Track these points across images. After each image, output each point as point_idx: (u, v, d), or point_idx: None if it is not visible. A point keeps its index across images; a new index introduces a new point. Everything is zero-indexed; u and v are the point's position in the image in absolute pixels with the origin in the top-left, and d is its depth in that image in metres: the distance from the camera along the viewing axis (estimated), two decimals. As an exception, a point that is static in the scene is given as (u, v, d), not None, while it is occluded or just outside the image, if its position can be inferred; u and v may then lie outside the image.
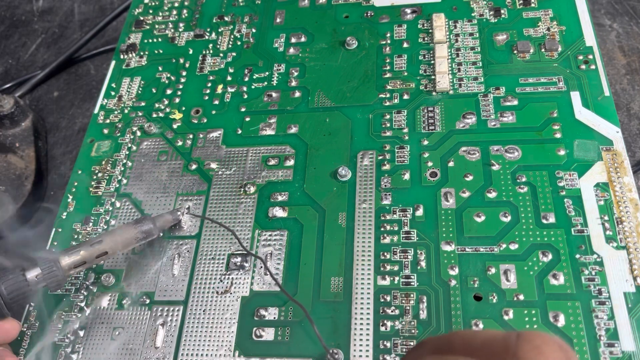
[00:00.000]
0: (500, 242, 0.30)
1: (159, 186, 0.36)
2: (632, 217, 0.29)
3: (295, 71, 0.39)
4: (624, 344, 0.26)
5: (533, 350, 0.14)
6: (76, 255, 0.28)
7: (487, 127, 0.34)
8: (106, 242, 0.29)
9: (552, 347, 0.14)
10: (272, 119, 0.37)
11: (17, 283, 0.26)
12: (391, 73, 0.37)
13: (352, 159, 0.34)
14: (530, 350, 0.14)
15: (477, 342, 0.16)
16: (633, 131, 0.38)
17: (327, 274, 0.30)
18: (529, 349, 0.14)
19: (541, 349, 0.14)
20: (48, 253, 0.28)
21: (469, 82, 0.36)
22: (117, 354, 0.30)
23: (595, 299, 0.27)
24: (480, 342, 0.16)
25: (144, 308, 0.31)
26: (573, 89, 0.34)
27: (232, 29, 0.43)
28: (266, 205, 0.33)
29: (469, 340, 0.16)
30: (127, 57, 0.43)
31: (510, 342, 0.15)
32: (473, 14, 0.39)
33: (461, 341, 0.16)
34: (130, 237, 0.30)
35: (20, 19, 0.54)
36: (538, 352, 0.14)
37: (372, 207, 0.32)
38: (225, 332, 0.30)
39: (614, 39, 0.42)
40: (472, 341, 0.16)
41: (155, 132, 0.38)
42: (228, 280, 0.31)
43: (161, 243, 0.33)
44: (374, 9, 0.41)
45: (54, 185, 0.43)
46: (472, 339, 0.16)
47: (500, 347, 0.15)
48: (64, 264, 0.28)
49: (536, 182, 0.31)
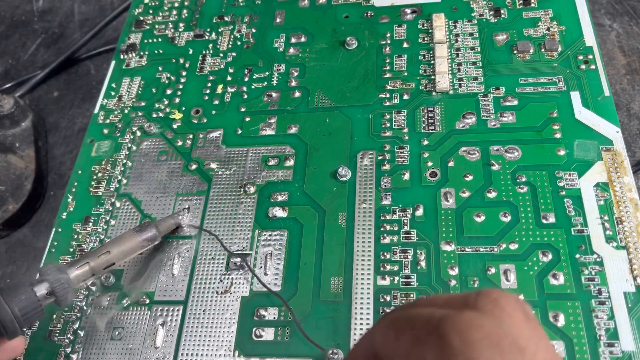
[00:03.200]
0: (500, 242, 0.30)
1: (159, 186, 0.36)
2: (632, 217, 0.29)
3: (295, 71, 0.39)
4: (624, 344, 0.26)
5: (491, 302, 0.15)
6: (84, 267, 0.28)
7: (487, 127, 0.34)
8: (113, 253, 0.29)
9: (509, 299, 0.15)
10: (272, 119, 0.37)
11: (29, 299, 0.25)
12: (391, 73, 0.37)
13: (352, 159, 0.34)
14: (488, 303, 0.15)
15: (439, 300, 0.16)
16: (633, 131, 0.37)
17: (327, 274, 0.30)
18: (487, 302, 0.15)
19: (498, 301, 0.15)
20: (55, 267, 0.27)
21: (469, 82, 0.36)
22: (117, 354, 0.30)
23: (595, 299, 0.27)
24: (443, 300, 0.16)
25: (144, 308, 0.31)
26: (573, 89, 0.34)
27: (232, 29, 0.43)
28: (266, 205, 0.33)
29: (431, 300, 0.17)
30: (127, 57, 0.43)
31: (469, 297, 0.15)
32: (473, 14, 0.39)
33: (424, 302, 0.17)
34: (136, 246, 0.30)
35: (20, 19, 0.54)
36: (495, 304, 0.15)
37: (372, 207, 0.32)
38: (225, 332, 0.30)
39: (614, 39, 0.42)
40: (435, 300, 0.17)
41: (155, 132, 0.38)
42: (228, 280, 0.31)
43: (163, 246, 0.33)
44: (374, 9, 0.41)
45: (54, 185, 0.43)
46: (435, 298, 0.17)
47: (460, 302, 0.15)
48: (73, 278, 0.27)
49: (536, 182, 0.31)
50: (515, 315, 0.14)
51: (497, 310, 0.14)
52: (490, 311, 0.14)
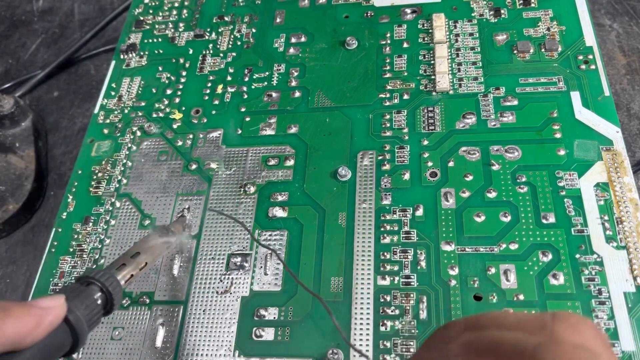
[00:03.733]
0: (500, 242, 0.30)
1: (159, 186, 0.36)
2: (632, 217, 0.29)
3: (295, 71, 0.39)
4: (624, 344, 0.26)
5: (569, 328, 0.14)
6: (126, 272, 0.26)
7: (487, 127, 0.34)
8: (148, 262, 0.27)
9: (587, 325, 0.15)
10: (272, 119, 0.37)
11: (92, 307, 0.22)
12: (391, 73, 0.37)
13: (352, 159, 0.34)
14: (567, 328, 0.14)
15: (508, 321, 0.16)
16: (633, 131, 0.38)
17: (327, 274, 0.30)
18: (565, 326, 0.14)
19: (577, 326, 0.14)
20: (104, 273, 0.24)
21: (469, 82, 0.36)
22: (117, 354, 0.30)
23: (595, 299, 0.27)
24: (513, 322, 0.16)
25: (144, 308, 0.31)
26: (573, 89, 0.34)
27: (232, 29, 0.43)
28: (266, 205, 0.33)
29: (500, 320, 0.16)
30: (127, 57, 0.43)
31: (545, 320, 0.15)
32: (473, 14, 0.39)
33: (492, 321, 0.17)
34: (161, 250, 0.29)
35: (20, 19, 0.54)
36: (574, 329, 0.14)
37: (372, 207, 0.32)
38: (225, 332, 0.30)
39: (614, 39, 0.42)
40: (504, 321, 0.16)
41: (155, 132, 0.38)
42: (228, 280, 0.31)
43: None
44: (374, 9, 0.41)
45: (54, 185, 0.43)
46: (504, 319, 0.16)
47: (535, 325, 0.15)
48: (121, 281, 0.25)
49: (536, 182, 0.31)
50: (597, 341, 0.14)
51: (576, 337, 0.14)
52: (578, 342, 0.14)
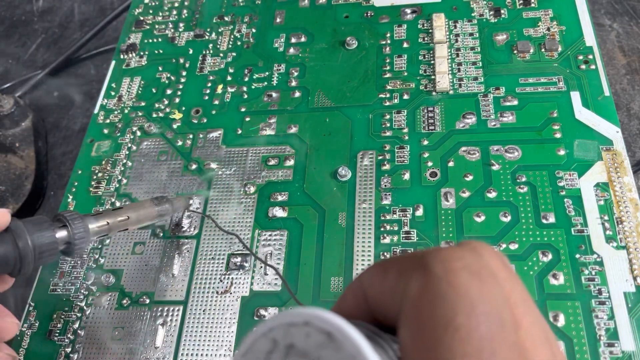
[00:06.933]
0: (500, 242, 0.30)
1: (159, 186, 0.36)
2: (632, 217, 0.29)
3: (295, 71, 0.39)
4: (624, 344, 0.26)
5: (471, 248, 0.15)
6: (104, 225, 0.27)
7: (487, 127, 0.34)
8: (130, 216, 0.29)
9: (487, 247, 0.15)
10: (272, 119, 0.37)
11: (49, 238, 0.24)
12: (391, 73, 0.37)
13: (352, 159, 0.34)
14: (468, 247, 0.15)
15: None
16: (633, 131, 0.37)
17: (327, 274, 0.30)
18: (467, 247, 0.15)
19: (477, 247, 0.15)
20: (77, 215, 0.26)
21: (469, 82, 0.36)
22: (117, 354, 0.30)
23: (595, 299, 0.27)
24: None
25: (144, 308, 0.31)
26: (573, 89, 0.34)
27: (232, 29, 0.43)
28: (266, 205, 0.33)
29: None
30: (127, 57, 0.43)
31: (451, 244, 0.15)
32: (473, 14, 0.39)
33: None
34: (150, 216, 0.30)
35: (20, 19, 0.54)
36: (474, 249, 0.15)
37: (372, 207, 0.32)
38: (225, 332, 0.30)
39: (614, 39, 0.42)
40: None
41: (155, 132, 0.38)
42: (228, 280, 0.31)
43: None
44: (374, 9, 0.41)
45: (54, 185, 0.43)
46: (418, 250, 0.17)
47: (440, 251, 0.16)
48: (91, 231, 0.27)
49: (536, 182, 0.31)
50: (494, 257, 0.15)
51: (477, 249, 0.15)
52: (470, 250, 0.15)
